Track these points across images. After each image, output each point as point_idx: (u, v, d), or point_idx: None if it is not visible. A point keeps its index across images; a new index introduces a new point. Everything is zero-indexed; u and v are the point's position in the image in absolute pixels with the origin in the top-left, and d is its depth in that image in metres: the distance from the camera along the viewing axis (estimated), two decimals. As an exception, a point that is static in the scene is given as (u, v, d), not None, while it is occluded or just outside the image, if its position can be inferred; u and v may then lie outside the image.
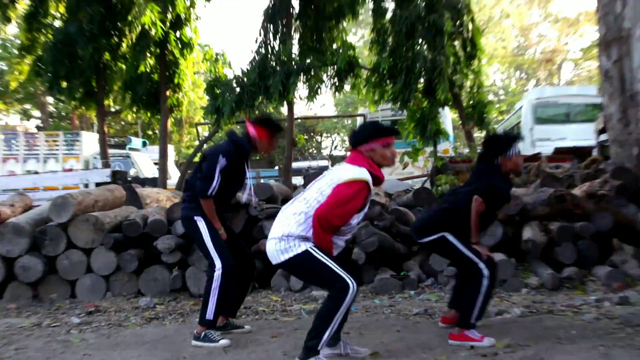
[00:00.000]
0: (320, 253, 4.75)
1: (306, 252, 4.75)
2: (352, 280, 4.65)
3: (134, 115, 18.96)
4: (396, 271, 8.37)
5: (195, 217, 6.04)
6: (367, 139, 5.05)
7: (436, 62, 13.60)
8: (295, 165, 20.54)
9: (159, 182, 16.11)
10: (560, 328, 5.81)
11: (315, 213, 4.72)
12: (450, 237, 5.70)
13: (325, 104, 59.89)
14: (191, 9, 16.75)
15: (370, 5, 16.56)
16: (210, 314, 5.92)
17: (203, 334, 5.86)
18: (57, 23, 16.83)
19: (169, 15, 15.73)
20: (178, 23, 16.34)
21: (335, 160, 27.15)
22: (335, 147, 45.44)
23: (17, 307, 8.00)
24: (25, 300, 8.26)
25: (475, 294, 5.57)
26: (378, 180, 5.02)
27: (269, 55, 15.26)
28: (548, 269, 7.73)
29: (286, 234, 4.81)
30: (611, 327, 5.74)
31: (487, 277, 5.54)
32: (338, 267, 4.71)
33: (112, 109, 20.99)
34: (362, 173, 4.86)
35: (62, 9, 16.54)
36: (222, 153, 5.99)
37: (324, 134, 48.51)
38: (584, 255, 7.98)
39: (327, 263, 4.72)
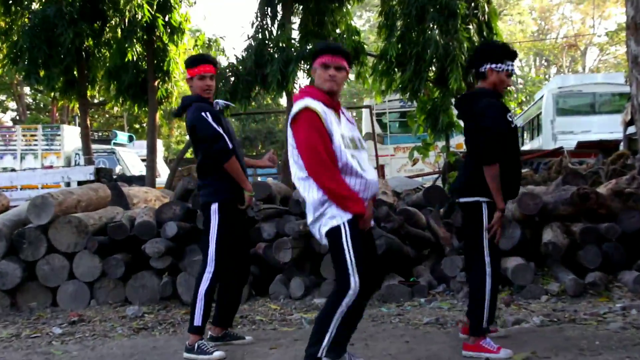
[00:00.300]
0: (347, 235, 4.74)
1: (336, 229, 4.76)
2: (357, 282, 4.63)
3: (120, 107, 19.00)
4: (405, 277, 8.42)
5: (212, 205, 6.05)
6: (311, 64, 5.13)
7: (449, 48, 13.64)
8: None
9: (147, 180, 16.14)
10: (583, 338, 5.85)
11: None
12: (484, 209, 5.65)
13: (327, 93, 59.88)
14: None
15: (377, -15, 16.63)
16: (198, 320, 5.96)
17: (196, 345, 5.89)
18: (34, 5, 16.87)
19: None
20: (167, 6, 16.37)
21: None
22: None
23: (-7, 317, 8.06)
24: (2, 309, 8.32)
25: (481, 295, 5.60)
26: (330, 103, 4.99)
27: (266, 41, 15.30)
28: (570, 274, 7.77)
29: (312, 210, 4.85)
30: (638, 337, 5.78)
31: (490, 274, 5.56)
32: (352, 262, 4.68)
33: (96, 100, 21.10)
34: (298, 105, 4.91)
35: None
36: (200, 110, 6.06)
37: (327, 127, 48.56)
38: (609, 259, 8.00)
39: (345, 251, 4.71)
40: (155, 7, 15.52)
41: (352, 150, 4.91)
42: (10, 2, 16.53)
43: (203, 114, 5.99)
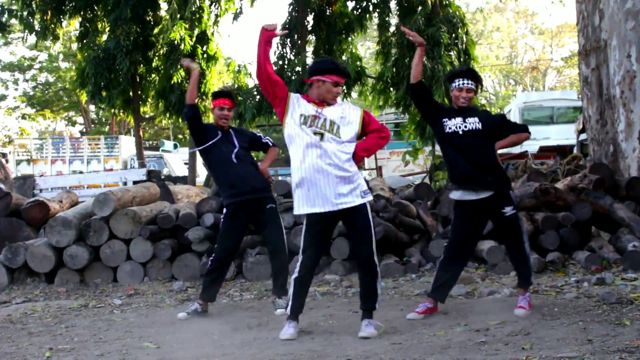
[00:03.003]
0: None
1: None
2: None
3: (167, 120, 19.06)
4: (399, 257, 8.41)
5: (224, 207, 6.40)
6: None
7: (434, 71, 13.66)
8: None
9: (189, 180, 16.20)
10: (545, 306, 5.84)
11: None
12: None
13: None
14: (215, 25, 16.82)
15: (376, 20, 16.66)
16: (201, 291, 6.37)
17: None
18: (99, 39, 16.97)
19: (196, 31, 15.81)
20: (204, 38, 16.41)
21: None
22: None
23: (66, 291, 8.08)
24: (74, 284, 8.34)
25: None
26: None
27: (285, 66, 15.33)
28: (534, 254, 7.75)
29: None
30: (589, 305, 5.77)
31: (443, 252, 5.95)
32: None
33: (147, 115, 21.11)
34: None
35: (105, 27, 16.69)
36: None
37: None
38: (565, 242, 7.98)
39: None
40: (194, 39, 15.58)
41: (315, 128, 5.14)
42: (83, 39, 16.71)
43: None
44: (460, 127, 5.71)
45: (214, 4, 16.67)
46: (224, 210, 6.39)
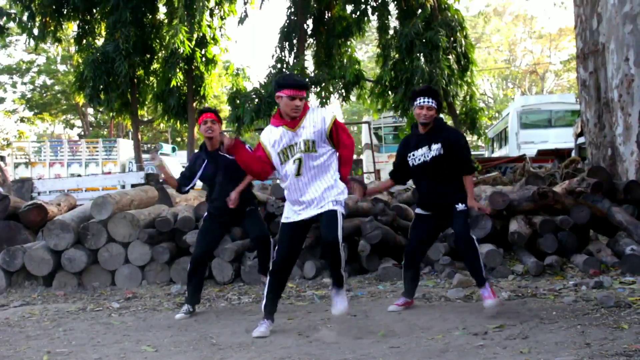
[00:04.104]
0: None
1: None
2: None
3: (165, 123, 19.10)
4: (398, 261, 8.40)
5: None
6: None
7: (433, 74, 13.69)
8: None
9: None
10: (543, 310, 5.84)
11: None
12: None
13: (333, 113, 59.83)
14: (220, 29, 16.87)
15: (375, 23, 16.71)
16: (187, 297, 6.56)
17: None
18: (95, 42, 16.99)
19: (195, 35, 15.84)
20: (203, 41, 16.45)
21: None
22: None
23: (64, 294, 8.07)
24: (72, 287, 8.34)
25: None
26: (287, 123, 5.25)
27: (284, 70, 15.35)
28: (532, 258, 7.75)
29: None
30: (588, 308, 5.76)
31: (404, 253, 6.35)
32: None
33: (145, 119, 21.15)
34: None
35: (102, 30, 16.73)
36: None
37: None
38: (563, 245, 7.99)
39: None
40: (194, 42, 15.61)
41: (293, 156, 5.23)
42: (80, 41, 16.72)
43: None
44: (428, 156, 5.92)
45: (217, 6, 16.71)
46: (205, 214, 6.82)
